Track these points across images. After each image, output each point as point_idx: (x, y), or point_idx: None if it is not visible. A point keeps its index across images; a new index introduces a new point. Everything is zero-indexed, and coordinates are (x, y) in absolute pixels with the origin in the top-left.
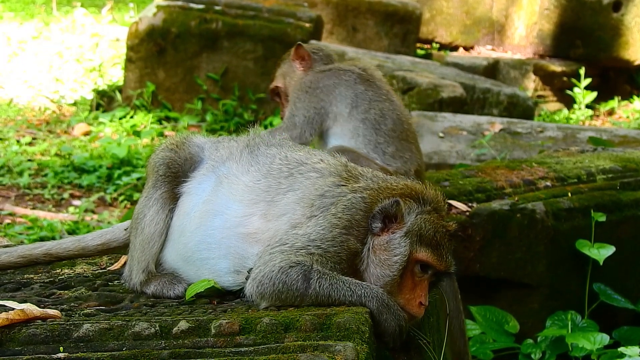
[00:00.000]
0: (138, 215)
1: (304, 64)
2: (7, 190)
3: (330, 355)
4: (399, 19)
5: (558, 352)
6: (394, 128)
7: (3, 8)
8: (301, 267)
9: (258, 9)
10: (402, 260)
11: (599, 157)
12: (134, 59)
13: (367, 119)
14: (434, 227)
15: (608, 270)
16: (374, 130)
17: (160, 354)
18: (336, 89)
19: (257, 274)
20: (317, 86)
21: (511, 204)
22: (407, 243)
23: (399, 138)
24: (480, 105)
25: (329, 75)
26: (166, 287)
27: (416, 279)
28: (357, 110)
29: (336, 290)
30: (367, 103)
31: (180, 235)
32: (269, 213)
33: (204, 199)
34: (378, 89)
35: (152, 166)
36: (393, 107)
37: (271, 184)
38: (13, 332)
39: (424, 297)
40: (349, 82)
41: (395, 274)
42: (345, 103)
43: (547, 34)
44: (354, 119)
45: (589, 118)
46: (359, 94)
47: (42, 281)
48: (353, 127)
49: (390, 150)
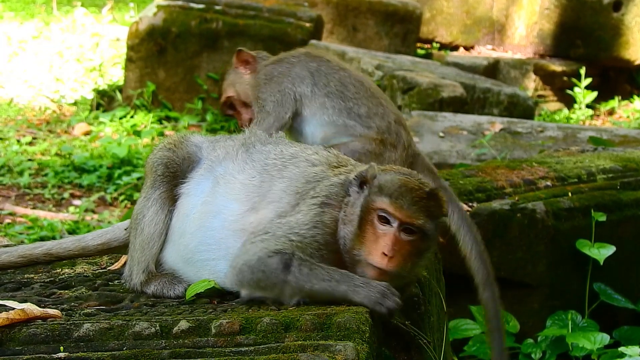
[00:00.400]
0: (137, 216)
1: (249, 67)
2: (8, 189)
3: (330, 355)
4: (399, 19)
5: (558, 351)
6: (357, 91)
7: (3, 8)
8: (282, 256)
9: (258, 9)
10: (359, 210)
11: (599, 156)
12: (134, 58)
13: (330, 92)
14: (400, 181)
15: (608, 270)
16: (340, 99)
17: (160, 354)
18: (291, 71)
19: (237, 262)
20: (273, 75)
21: (511, 203)
22: (366, 193)
23: (366, 97)
24: (481, 105)
25: (279, 63)
26: (166, 287)
27: (379, 231)
28: (318, 87)
29: (316, 276)
30: (324, 77)
31: (180, 236)
32: (259, 205)
33: (202, 200)
34: (329, 62)
35: (150, 166)
36: (349, 73)
37: (265, 178)
38: (13, 331)
39: (388, 248)
40: (301, 63)
41: (356, 226)
42: (305, 82)
43: (548, 34)
44: (317, 96)
45: (589, 118)
46: (314, 71)
47: (42, 281)
48: (320, 104)
49: (363, 111)
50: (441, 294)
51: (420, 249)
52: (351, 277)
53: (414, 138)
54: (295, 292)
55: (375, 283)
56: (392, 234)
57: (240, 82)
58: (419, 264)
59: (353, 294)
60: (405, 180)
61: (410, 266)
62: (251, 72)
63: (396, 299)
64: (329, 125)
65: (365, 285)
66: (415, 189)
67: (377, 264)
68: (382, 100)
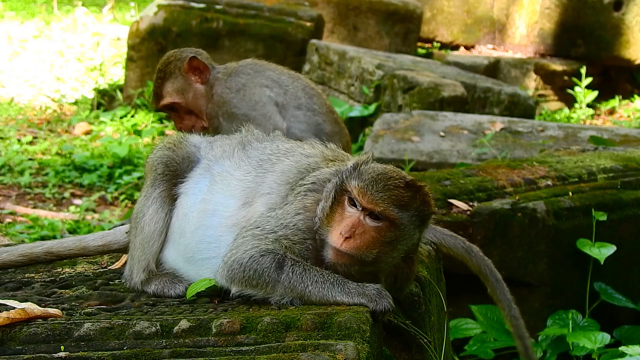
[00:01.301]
0: (137, 214)
1: (201, 77)
2: (8, 189)
3: (331, 355)
4: (400, 18)
5: (559, 351)
6: (321, 104)
7: (4, 7)
8: (274, 255)
9: (259, 8)
10: (331, 190)
11: (599, 156)
12: (135, 58)
13: (301, 105)
14: (378, 170)
15: (609, 270)
16: (311, 112)
17: (161, 353)
18: (255, 80)
19: (228, 258)
20: (239, 87)
21: (512, 203)
22: (341, 176)
23: (329, 112)
24: (481, 105)
25: (236, 74)
26: (167, 286)
27: (346, 213)
28: (286, 97)
29: (310, 277)
30: (291, 87)
31: (180, 236)
32: (253, 199)
33: (200, 199)
34: (282, 71)
35: (150, 165)
36: (307, 83)
37: (259, 173)
38: (14, 331)
39: (346, 229)
40: (259, 72)
41: (328, 206)
42: (275, 91)
43: (548, 33)
44: (289, 107)
45: (590, 117)
46: (276, 79)
47: (43, 280)
48: (292, 116)
49: (328, 129)
50: (441, 294)
51: (388, 237)
52: (345, 281)
53: (415, 137)
54: (287, 292)
55: (369, 286)
56: (354, 217)
57: (188, 90)
58: (388, 253)
59: (345, 297)
60: (383, 169)
61: (377, 253)
62: (202, 82)
63: (390, 300)
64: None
65: (358, 287)
66: (389, 178)
67: (333, 244)
68: (336, 116)
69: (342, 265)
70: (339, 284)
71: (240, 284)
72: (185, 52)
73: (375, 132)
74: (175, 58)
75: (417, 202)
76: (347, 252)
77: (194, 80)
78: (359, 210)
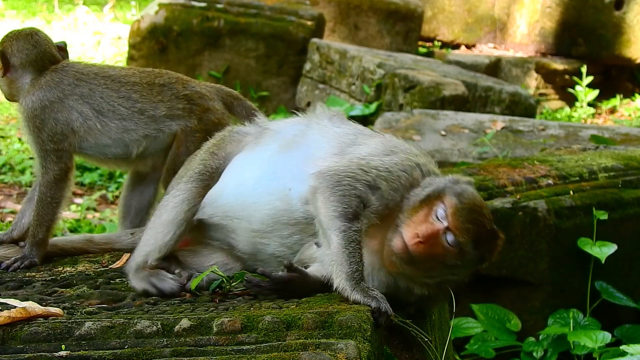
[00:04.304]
0: (162, 202)
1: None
2: (9, 188)
3: (332, 354)
4: (401, 17)
5: (560, 350)
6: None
7: (5, 6)
8: (359, 203)
9: (260, 7)
10: (432, 190)
11: (600, 155)
12: (136, 57)
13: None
14: (477, 201)
15: (610, 269)
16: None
17: (162, 352)
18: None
19: (326, 167)
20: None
21: (513, 202)
22: (449, 183)
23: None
24: (482, 104)
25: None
26: (157, 281)
27: (430, 218)
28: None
29: (348, 254)
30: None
31: (241, 172)
32: (348, 150)
33: (287, 140)
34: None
35: (189, 164)
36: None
37: (361, 137)
38: (15, 330)
39: (424, 233)
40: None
41: (420, 199)
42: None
43: (549, 32)
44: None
45: (591, 116)
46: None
47: (43, 279)
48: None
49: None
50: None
51: (449, 261)
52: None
53: (416, 136)
54: (325, 241)
55: (374, 291)
56: (436, 228)
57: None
58: (437, 273)
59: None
60: (480, 201)
61: (431, 268)
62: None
63: (388, 306)
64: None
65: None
66: (481, 215)
67: (405, 237)
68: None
69: (397, 260)
70: (355, 278)
71: (322, 193)
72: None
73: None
74: None
75: (488, 248)
76: (412, 252)
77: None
78: (443, 225)
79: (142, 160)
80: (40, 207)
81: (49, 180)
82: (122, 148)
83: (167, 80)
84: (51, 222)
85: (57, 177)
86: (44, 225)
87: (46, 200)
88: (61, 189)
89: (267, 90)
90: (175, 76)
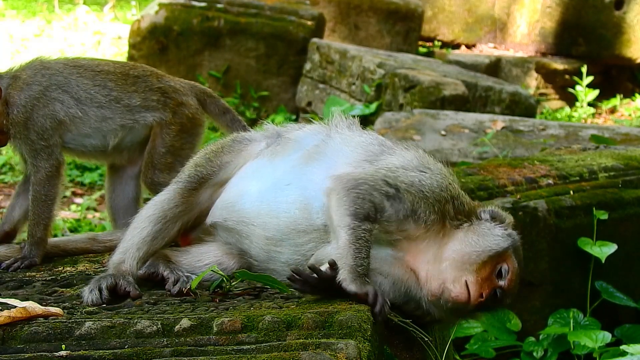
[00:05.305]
0: (148, 203)
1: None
2: (9, 188)
3: (332, 353)
4: (401, 17)
5: (560, 350)
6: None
7: (5, 6)
8: (367, 211)
9: (260, 7)
10: (494, 241)
11: (601, 155)
12: (136, 56)
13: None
14: (520, 258)
15: (610, 268)
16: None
17: (162, 352)
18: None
19: (345, 173)
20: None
21: (513, 201)
22: (511, 239)
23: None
24: (482, 103)
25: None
26: (125, 285)
27: (487, 273)
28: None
29: (359, 244)
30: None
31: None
32: (375, 158)
33: (308, 150)
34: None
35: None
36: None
37: (383, 148)
38: (15, 330)
39: (476, 291)
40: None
41: (479, 248)
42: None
43: (549, 32)
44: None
45: (591, 116)
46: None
47: (44, 279)
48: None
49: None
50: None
51: (477, 309)
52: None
53: (416, 136)
54: (335, 236)
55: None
56: (492, 285)
57: None
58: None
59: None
60: (521, 259)
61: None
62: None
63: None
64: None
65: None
66: (520, 272)
67: (471, 291)
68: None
69: (450, 303)
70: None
71: (338, 192)
72: None
73: (377, 131)
74: None
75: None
76: (448, 299)
77: None
78: (499, 284)
79: (119, 154)
80: (35, 206)
81: (41, 178)
82: (100, 139)
83: (141, 72)
84: (48, 220)
85: (49, 174)
86: (41, 223)
87: (40, 198)
88: (54, 186)
89: (267, 90)
90: (149, 69)
